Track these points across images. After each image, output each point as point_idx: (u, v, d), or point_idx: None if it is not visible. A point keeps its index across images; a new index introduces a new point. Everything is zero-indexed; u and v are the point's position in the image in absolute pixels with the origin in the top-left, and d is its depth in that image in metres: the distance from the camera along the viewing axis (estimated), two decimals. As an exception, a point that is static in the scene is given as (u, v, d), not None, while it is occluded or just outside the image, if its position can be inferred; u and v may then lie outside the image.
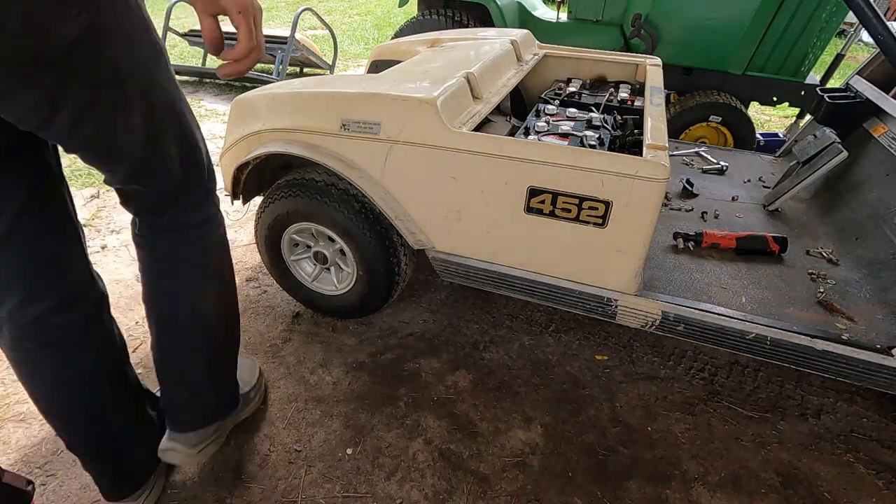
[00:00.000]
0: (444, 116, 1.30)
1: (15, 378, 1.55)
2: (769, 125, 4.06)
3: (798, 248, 1.65)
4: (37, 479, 1.27)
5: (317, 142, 1.45)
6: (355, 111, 1.38)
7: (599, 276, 1.36)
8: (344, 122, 1.40)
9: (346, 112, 1.39)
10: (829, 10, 2.41)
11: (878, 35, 1.52)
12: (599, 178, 1.20)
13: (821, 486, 1.32)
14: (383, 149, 1.38)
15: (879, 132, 1.78)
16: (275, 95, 1.53)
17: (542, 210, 1.30)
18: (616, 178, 1.19)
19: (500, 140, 1.27)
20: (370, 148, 1.39)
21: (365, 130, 1.38)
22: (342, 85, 1.47)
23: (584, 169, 1.21)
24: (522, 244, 1.39)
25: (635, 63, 2.08)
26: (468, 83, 1.51)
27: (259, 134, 1.53)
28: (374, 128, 1.37)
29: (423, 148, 1.33)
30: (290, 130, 1.47)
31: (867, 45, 6.81)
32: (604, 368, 1.66)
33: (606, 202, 1.22)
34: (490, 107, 1.54)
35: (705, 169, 2.17)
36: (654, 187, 1.17)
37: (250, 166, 1.61)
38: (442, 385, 1.58)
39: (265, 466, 1.33)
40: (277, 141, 1.50)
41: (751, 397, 1.57)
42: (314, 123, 1.44)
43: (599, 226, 1.27)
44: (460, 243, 1.47)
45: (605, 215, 1.24)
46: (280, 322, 1.82)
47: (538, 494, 1.28)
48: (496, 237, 1.41)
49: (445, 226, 1.45)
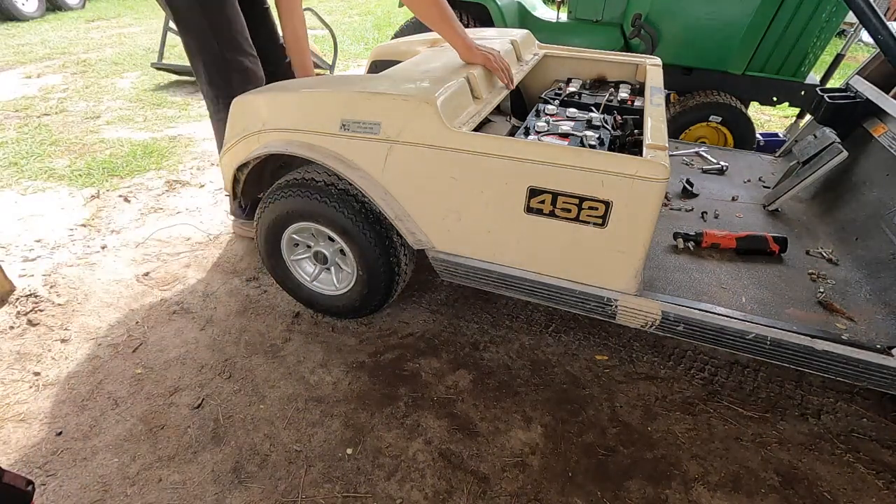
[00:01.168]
0: (444, 116, 1.30)
1: (15, 378, 1.55)
2: (769, 125, 4.06)
3: (798, 248, 1.65)
4: (37, 479, 1.27)
5: (317, 142, 1.45)
6: (355, 111, 1.38)
7: (599, 276, 1.36)
8: (344, 122, 1.40)
9: (346, 112, 1.39)
10: (829, 10, 2.40)
11: (878, 35, 1.52)
12: (599, 178, 1.20)
13: (821, 486, 1.32)
14: (383, 149, 1.38)
15: (879, 132, 1.78)
16: (275, 96, 1.53)
17: (542, 210, 1.30)
18: (616, 178, 1.19)
19: (500, 140, 1.27)
20: (370, 148, 1.39)
21: (365, 130, 1.38)
22: (342, 85, 1.47)
23: (584, 169, 1.21)
24: (522, 244, 1.39)
25: (635, 63, 2.08)
26: (468, 83, 1.51)
27: (259, 134, 1.53)
28: (374, 128, 1.37)
29: (424, 148, 1.33)
30: (290, 130, 1.47)
31: (867, 45, 6.80)
32: (604, 368, 1.65)
33: (606, 202, 1.22)
34: (490, 107, 1.54)
35: (705, 169, 2.16)
36: (654, 187, 1.17)
37: (250, 166, 1.61)
38: (442, 385, 1.58)
39: (265, 466, 1.33)
40: (277, 141, 1.50)
41: (751, 397, 1.57)
42: (314, 123, 1.44)
43: (599, 226, 1.26)
44: (460, 243, 1.47)
45: (605, 215, 1.24)
46: (280, 322, 1.82)
47: (538, 494, 1.28)
48: (496, 237, 1.41)
49: (445, 226, 1.45)
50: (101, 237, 2.28)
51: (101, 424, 1.43)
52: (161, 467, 1.32)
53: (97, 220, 2.41)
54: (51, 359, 1.64)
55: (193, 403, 1.50)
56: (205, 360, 1.65)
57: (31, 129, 3.44)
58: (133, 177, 2.84)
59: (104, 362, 1.63)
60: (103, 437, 1.40)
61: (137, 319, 1.81)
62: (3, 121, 3.59)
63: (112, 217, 2.44)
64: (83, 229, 2.33)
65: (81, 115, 3.75)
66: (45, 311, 1.82)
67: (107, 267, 2.08)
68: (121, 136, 3.40)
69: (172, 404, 1.50)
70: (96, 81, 4.56)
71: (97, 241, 2.25)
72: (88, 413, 1.46)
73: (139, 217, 2.44)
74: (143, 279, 2.02)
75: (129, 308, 1.86)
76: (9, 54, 5.41)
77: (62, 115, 3.74)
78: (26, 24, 7.01)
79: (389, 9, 8.93)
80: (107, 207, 2.52)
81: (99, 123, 3.60)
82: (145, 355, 1.66)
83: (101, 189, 2.68)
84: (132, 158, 3.03)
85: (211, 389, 1.55)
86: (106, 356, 1.66)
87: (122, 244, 2.23)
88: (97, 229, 2.34)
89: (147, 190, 2.70)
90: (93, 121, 3.65)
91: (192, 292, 1.95)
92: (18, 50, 5.58)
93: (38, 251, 2.16)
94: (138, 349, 1.69)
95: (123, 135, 3.42)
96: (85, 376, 1.58)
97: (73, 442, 1.38)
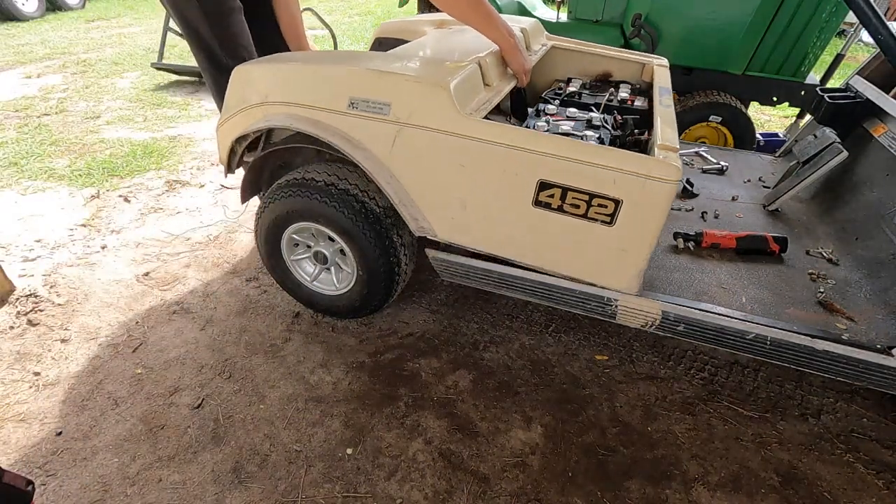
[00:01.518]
0: (457, 102, 1.26)
1: (15, 378, 1.55)
2: (769, 125, 4.06)
3: (798, 248, 1.65)
4: (37, 479, 1.27)
5: (322, 118, 1.40)
6: (365, 90, 1.34)
7: (602, 274, 1.35)
8: (353, 101, 1.35)
9: (355, 90, 1.35)
10: (829, 10, 2.40)
11: (878, 35, 1.52)
12: (612, 176, 1.19)
13: (821, 486, 1.32)
14: (392, 130, 1.34)
15: (879, 132, 1.78)
16: (279, 67, 1.48)
17: (550, 204, 1.28)
18: (628, 177, 1.17)
19: (513, 130, 1.24)
20: (378, 128, 1.35)
21: (374, 110, 1.34)
22: (351, 61, 1.42)
23: (597, 165, 1.19)
24: (527, 237, 1.37)
25: (642, 63, 2.06)
26: (480, 69, 1.46)
27: (261, 106, 1.48)
28: (383, 108, 1.32)
29: (434, 132, 1.29)
30: (294, 105, 1.43)
31: (867, 45, 6.80)
32: (604, 368, 1.65)
33: (617, 200, 1.21)
34: (499, 97, 1.51)
35: (705, 169, 2.16)
36: (665, 188, 1.15)
37: (249, 139, 1.57)
38: (442, 385, 1.58)
39: (265, 466, 1.33)
40: (280, 115, 1.45)
41: (751, 397, 1.57)
42: (321, 99, 1.39)
43: (607, 223, 1.25)
44: (463, 232, 1.44)
45: (613, 213, 1.23)
46: (280, 322, 1.82)
47: (538, 494, 1.28)
48: (501, 229, 1.38)
49: (449, 214, 1.41)
50: (101, 237, 2.28)
51: (101, 424, 1.43)
52: (161, 467, 1.32)
53: (97, 220, 2.41)
54: (51, 359, 1.64)
55: (193, 403, 1.50)
56: (205, 360, 1.65)
57: (31, 129, 3.44)
58: (133, 177, 2.84)
59: (104, 362, 1.63)
60: (103, 437, 1.40)
61: (137, 319, 1.81)
62: (3, 121, 3.59)
63: (112, 217, 2.44)
64: (83, 229, 2.33)
65: (81, 115, 3.75)
66: (45, 311, 1.82)
67: (107, 267, 2.08)
68: (121, 136, 3.40)
69: (172, 404, 1.50)
70: (96, 81, 4.56)
71: (97, 241, 2.25)
72: (88, 413, 1.46)
73: (139, 217, 2.44)
74: (143, 279, 2.02)
75: (129, 308, 1.86)
76: (9, 54, 5.41)
77: (62, 115, 3.74)
78: (26, 24, 7.01)
79: (389, 9, 8.93)
80: (107, 207, 2.52)
81: (99, 123, 3.60)
82: (145, 355, 1.66)
83: (101, 189, 2.68)
84: (132, 158, 3.04)
85: (211, 389, 1.55)
86: (106, 356, 1.66)
87: (122, 244, 2.23)
88: (97, 229, 2.34)
89: (147, 190, 2.70)
90: (93, 121, 3.65)
91: (192, 292, 1.95)
92: (18, 50, 5.58)
93: (38, 251, 2.16)
94: (138, 349, 1.69)
95: (123, 135, 3.42)
96: (85, 376, 1.58)
97: (73, 442, 1.38)
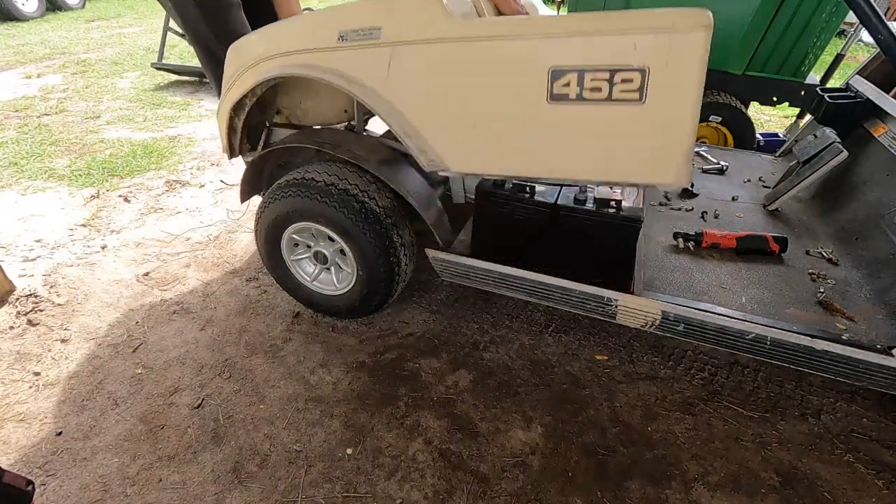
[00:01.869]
0: (448, 6, 1.21)
1: (15, 378, 1.55)
2: (769, 125, 4.05)
3: (798, 248, 1.65)
4: (37, 479, 1.27)
5: (315, 60, 1.38)
6: (353, 20, 1.31)
7: (644, 169, 1.15)
8: (342, 34, 1.32)
9: (343, 23, 1.32)
10: (829, 10, 2.40)
11: (878, 35, 1.52)
12: (631, 41, 1.03)
13: (821, 486, 1.32)
14: (385, 55, 1.29)
15: (879, 132, 1.78)
16: (268, 27, 1.48)
17: (567, 95, 1.12)
18: (650, 38, 1.01)
19: (511, 20, 1.17)
20: (371, 56, 1.31)
21: (364, 37, 1.29)
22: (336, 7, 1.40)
23: (611, 33, 1.04)
24: (550, 146, 1.21)
25: None
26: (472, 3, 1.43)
27: (255, 66, 1.47)
28: (374, 33, 1.28)
29: (429, 45, 1.23)
30: (285, 54, 1.41)
31: (867, 45, 6.80)
32: (604, 368, 1.65)
33: (642, 69, 1.04)
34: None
35: (705, 169, 2.16)
36: (696, 40, 0.99)
37: (246, 108, 1.56)
38: (442, 385, 1.58)
39: (265, 466, 1.33)
40: (272, 67, 1.43)
41: (751, 397, 1.56)
42: (310, 41, 1.37)
43: (637, 101, 1.07)
44: (477, 157, 1.31)
45: (641, 87, 1.06)
46: (280, 322, 1.82)
47: (538, 494, 1.28)
48: (518, 142, 1.24)
49: (459, 138, 1.31)
50: (101, 237, 2.28)
51: (101, 424, 1.43)
52: (161, 467, 1.32)
53: (97, 220, 2.41)
54: (51, 359, 1.64)
55: (193, 403, 1.50)
56: (205, 360, 1.65)
57: (31, 129, 3.44)
58: (133, 177, 2.84)
59: (104, 362, 1.63)
60: (103, 437, 1.40)
61: (137, 319, 1.81)
62: (3, 121, 3.59)
63: (112, 217, 2.44)
64: (83, 229, 2.33)
65: (81, 115, 3.75)
66: (45, 311, 1.82)
67: (107, 267, 2.08)
68: (121, 136, 3.40)
69: (172, 404, 1.50)
70: (96, 81, 4.56)
71: (97, 241, 2.25)
72: (88, 413, 1.46)
73: (139, 217, 2.44)
74: (143, 279, 2.02)
75: (129, 308, 1.86)
76: (9, 54, 5.41)
77: (62, 115, 3.74)
78: (26, 24, 7.01)
79: (389, 9, 8.93)
80: (107, 207, 2.52)
81: (99, 123, 3.60)
82: (145, 355, 1.66)
83: (101, 189, 2.68)
84: (132, 158, 3.04)
85: (211, 389, 1.55)
86: (106, 356, 1.66)
87: (122, 244, 2.23)
88: (97, 229, 2.34)
89: (147, 190, 2.70)
90: (93, 121, 3.65)
91: (191, 292, 1.95)
92: (18, 50, 5.58)
93: (38, 251, 2.16)
94: (138, 349, 1.69)
95: (123, 135, 3.42)
96: (85, 376, 1.58)
97: (73, 442, 1.38)
